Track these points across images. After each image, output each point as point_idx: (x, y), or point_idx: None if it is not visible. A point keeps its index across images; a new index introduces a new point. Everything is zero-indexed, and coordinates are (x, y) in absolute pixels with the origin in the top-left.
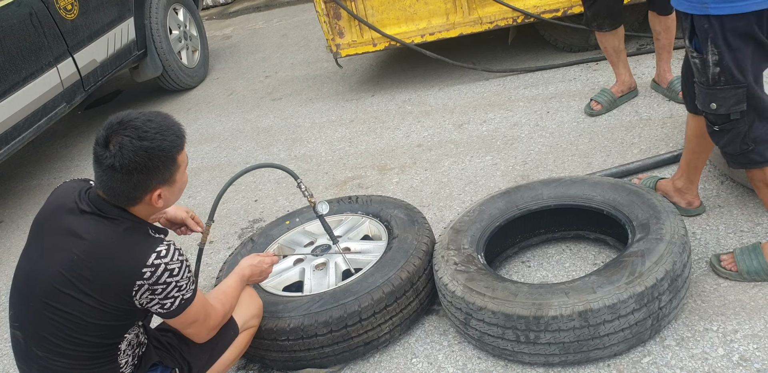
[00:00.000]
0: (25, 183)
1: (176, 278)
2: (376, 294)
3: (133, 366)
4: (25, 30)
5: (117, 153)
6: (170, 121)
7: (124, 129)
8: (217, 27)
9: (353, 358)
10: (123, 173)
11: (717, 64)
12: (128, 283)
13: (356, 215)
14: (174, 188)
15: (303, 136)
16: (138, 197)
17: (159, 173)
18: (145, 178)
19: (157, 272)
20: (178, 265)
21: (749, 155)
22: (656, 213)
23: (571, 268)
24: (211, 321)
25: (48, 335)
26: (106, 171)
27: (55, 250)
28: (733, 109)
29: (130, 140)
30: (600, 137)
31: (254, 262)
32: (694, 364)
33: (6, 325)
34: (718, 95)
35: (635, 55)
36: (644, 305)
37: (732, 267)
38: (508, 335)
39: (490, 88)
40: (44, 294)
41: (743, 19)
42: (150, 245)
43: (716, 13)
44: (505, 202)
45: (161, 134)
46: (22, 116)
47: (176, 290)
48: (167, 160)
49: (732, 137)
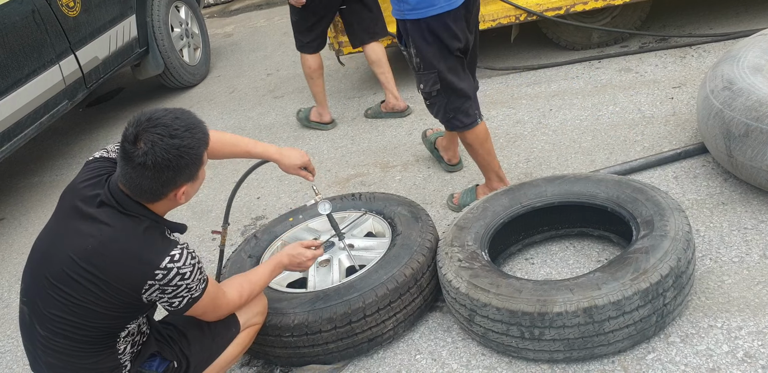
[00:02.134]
0: (27, 180)
1: (187, 281)
2: (380, 291)
3: (131, 354)
4: (28, 27)
5: (149, 151)
6: (196, 119)
7: (153, 127)
8: (219, 25)
9: (357, 354)
10: (154, 171)
11: (417, 55)
12: (139, 282)
13: (360, 212)
14: (196, 183)
15: (305, 134)
16: (164, 193)
17: (187, 171)
18: (174, 175)
19: (169, 275)
20: (190, 269)
21: (453, 121)
22: (660, 210)
23: (574, 265)
24: (221, 312)
25: (52, 315)
26: (135, 168)
27: (73, 234)
28: (433, 88)
29: (161, 138)
30: (603, 135)
31: (294, 252)
32: (699, 360)
33: (8, 322)
34: (422, 78)
35: (637, 53)
36: (649, 301)
37: (456, 201)
38: (512, 331)
39: (493, 86)
40: (54, 276)
41: (426, 22)
42: (165, 248)
43: (409, 18)
44: (508, 199)
45: (190, 132)
46: (24, 113)
47: (186, 291)
48: (196, 158)
49: (438, 108)
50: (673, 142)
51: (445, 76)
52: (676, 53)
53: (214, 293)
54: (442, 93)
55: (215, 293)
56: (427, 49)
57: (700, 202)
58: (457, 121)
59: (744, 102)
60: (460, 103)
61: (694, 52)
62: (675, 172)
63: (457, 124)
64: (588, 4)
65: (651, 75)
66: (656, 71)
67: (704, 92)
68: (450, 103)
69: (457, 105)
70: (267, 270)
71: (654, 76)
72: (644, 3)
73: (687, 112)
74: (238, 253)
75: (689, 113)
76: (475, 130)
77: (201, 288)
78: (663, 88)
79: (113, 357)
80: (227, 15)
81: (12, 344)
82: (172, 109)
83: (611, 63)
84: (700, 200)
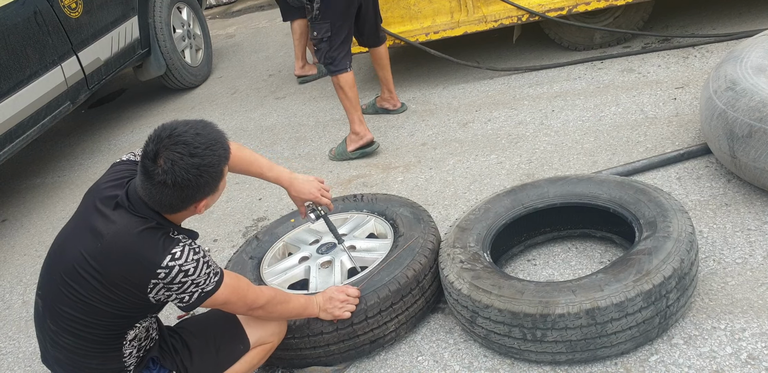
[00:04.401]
0: (29, 181)
1: (192, 277)
2: (381, 292)
3: (137, 358)
4: (30, 28)
5: (169, 170)
6: (217, 134)
7: (174, 144)
8: (221, 26)
9: (359, 356)
10: (174, 189)
11: (318, 8)
12: (143, 282)
13: (361, 214)
14: (216, 195)
15: (307, 135)
16: (184, 207)
17: (208, 187)
18: (195, 192)
19: (172, 273)
20: (194, 265)
21: (329, 67)
22: (663, 211)
23: (577, 266)
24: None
25: (62, 311)
26: (155, 186)
27: (87, 233)
28: (324, 35)
29: (182, 157)
30: (605, 136)
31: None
32: (702, 362)
33: (10, 323)
34: (317, 27)
35: (640, 53)
36: (652, 303)
37: (333, 152)
38: (514, 333)
39: (495, 87)
40: (65, 272)
41: None
42: (166, 246)
43: None
44: (510, 200)
45: (211, 149)
46: (26, 114)
47: (194, 287)
48: (216, 175)
49: (321, 54)
50: (676, 143)
51: (336, 29)
52: (679, 54)
53: (235, 285)
54: (327, 42)
55: (236, 284)
56: (329, 4)
57: (704, 203)
58: (332, 66)
59: (747, 102)
60: (338, 53)
61: (697, 53)
62: (678, 173)
63: (332, 68)
64: (590, 4)
65: (654, 75)
66: (659, 72)
67: (707, 93)
68: (331, 50)
69: (335, 54)
70: (303, 298)
71: (657, 76)
72: (647, 3)
73: (690, 113)
74: (240, 254)
75: (692, 114)
76: (345, 76)
77: (214, 282)
78: (666, 89)
79: (118, 360)
80: (229, 16)
81: (13, 346)
82: (193, 123)
83: (614, 64)
84: (704, 201)
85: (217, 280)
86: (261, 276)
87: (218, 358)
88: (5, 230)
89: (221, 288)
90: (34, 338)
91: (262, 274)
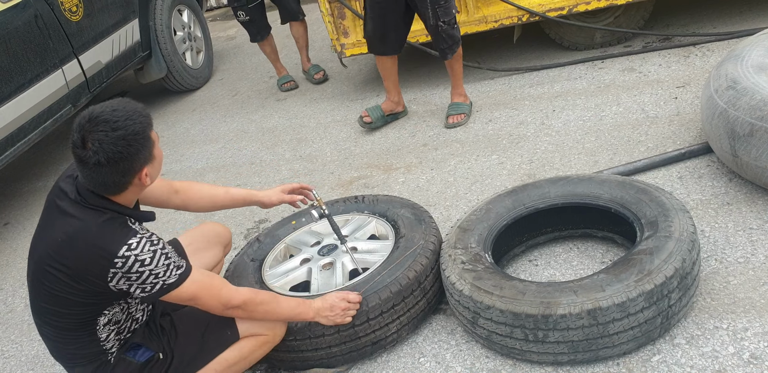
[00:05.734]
0: (31, 185)
1: (149, 267)
2: (383, 293)
3: (119, 341)
4: (31, 32)
5: (99, 149)
6: (134, 106)
7: (96, 126)
8: (221, 28)
9: (361, 358)
10: (109, 166)
11: None
12: (102, 271)
13: (363, 215)
14: (155, 163)
15: (308, 137)
16: (128, 181)
17: (141, 155)
18: (131, 163)
19: (128, 262)
20: (150, 255)
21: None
22: (665, 211)
23: (578, 266)
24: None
25: (39, 306)
26: (93, 169)
27: (50, 229)
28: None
29: (106, 134)
30: (606, 135)
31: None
32: (705, 362)
33: (12, 327)
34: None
35: (641, 53)
36: (654, 303)
37: (367, 119)
38: (516, 333)
39: (495, 87)
40: (36, 268)
41: None
42: (122, 237)
43: None
44: (512, 200)
45: (131, 119)
46: (27, 118)
47: (153, 277)
48: (144, 141)
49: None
50: (677, 142)
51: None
52: (680, 53)
53: (205, 281)
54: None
55: (206, 281)
56: None
57: (705, 202)
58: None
59: (748, 101)
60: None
61: (698, 52)
62: (679, 172)
63: (455, 49)
64: (591, 4)
65: (654, 75)
66: (660, 71)
67: (708, 92)
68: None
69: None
70: (294, 301)
71: (658, 75)
72: (647, 2)
73: (691, 112)
74: (241, 256)
75: (693, 113)
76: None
77: (176, 274)
78: (667, 88)
79: (95, 344)
80: (230, 18)
81: (16, 349)
82: (108, 103)
83: (614, 63)
84: (705, 201)
85: (180, 273)
86: (262, 278)
87: (204, 341)
88: (7, 233)
89: (187, 282)
90: (36, 341)
91: (263, 276)
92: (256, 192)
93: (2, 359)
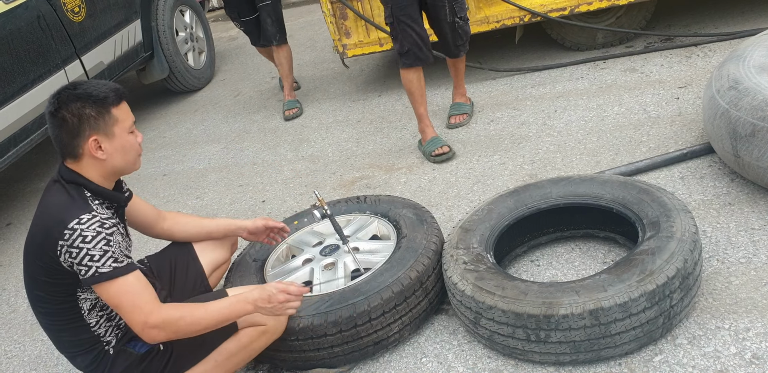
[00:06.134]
0: (34, 185)
1: (87, 246)
2: (385, 294)
3: (112, 327)
4: (33, 33)
5: (59, 101)
6: (112, 84)
7: (66, 88)
8: (223, 28)
9: (363, 358)
10: (59, 118)
11: None
12: (54, 243)
13: (365, 215)
14: (114, 142)
15: (310, 137)
16: (78, 145)
17: (91, 120)
18: (79, 123)
19: (74, 235)
20: (93, 234)
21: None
22: (666, 211)
23: (580, 267)
24: (136, 313)
25: (31, 294)
26: (50, 121)
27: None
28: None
29: (68, 92)
30: (608, 136)
31: (265, 286)
32: (706, 362)
33: (15, 327)
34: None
35: (643, 53)
36: (655, 303)
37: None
38: (518, 334)
39: (497, 88)
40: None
41: None
42: (77, 210)
43: None
44: (513, 201)
45: (95, 86)
46: (30, 119)
47: (88, 259)
48: (100, 109)
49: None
50: (679, 143)
51: None
52: (682, 53)
53: (135, 289)
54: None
55: (136, 289)
56: None
57: (707, 202)
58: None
59: (750, 101)
60: None
61: (700, 52)
62: (681, 172)
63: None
64: (592, 4)
65: (656, 75)
66: (662, 71)
67: (710, 92)
68: None
69: None
70: (225, 304)
71: (659, 76)
72: (649, 3)
73: (693, 112)
74: (243, 256)
75: (695, 113)
76: None
77: (108, 265)
78: (668, 89)
79: (86, 330)
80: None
81: (19, 349)
82: None
83: (616, 63)
84: (707, 201)
85: (116, 266)
86: (265, 278)
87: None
88: (10, 233)
89: (118, 280)
90: (39, 341)
91: (265, 276)
92: (239, 221)
93: (5, 359)
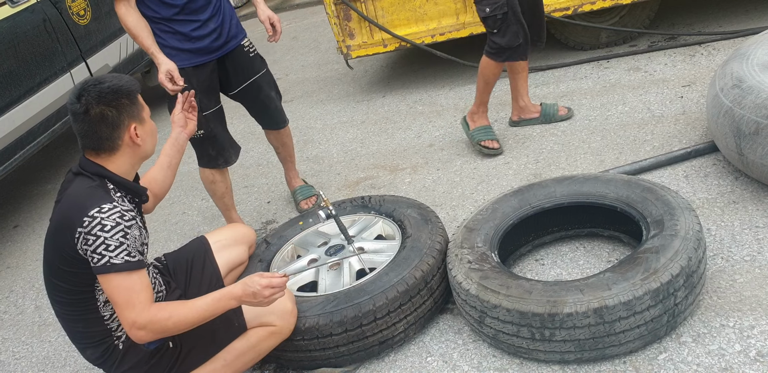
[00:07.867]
0: (40, 187)
1: (105, 235)
2: (390, 293)
3: None
4: (39, 36)
5: (89, 99)
6: (123, 75)
7: (87, 84)
8: None
9: (368, 357)
10: (97, 114)
11: None
12: (72, 229)
13: (369, 215)
14: (146, 127)
15: (314, 138)
16: (118, 136)
17: (128, 108)
18: (118, 114)
19: (93, 223)
20: (112, 224)
21: None
22: (670, 210)
23: (585, 265)
24: (129, 311)
25: (49, 282)
26: (84, 119)
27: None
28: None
29: (94, 87)
30: (612, 135)
31: (248, 281)
32: (711, 360)
33: (23, 329)
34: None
35: (646, 52)
36: (660, 301)
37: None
38: (523, 332)
39: (501, 88)
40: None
41: None
42: (99, 200)
43: None
44: (518, 200)
45: (117, 78)
46: (36, 121)
47: (103, 248)
48: (131, 96)
49: None
50: (683, 141)
51: None
52: (686, 52)
53: (135, 286)
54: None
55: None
56: None
57: (711, 201)
58: None
59: (754, 100)
60: None
61: (704, 51)
62: (685, 171)
63: None
64: (596, 3)
65: (660, 74)
66: (665, 70)
67: (714, 90)
68: None
69: None
70: (210, 300)
71: (663, 75)
72: (652, 2)
73: (697, 111)
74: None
75: (699, 112)
76: None
77: (121, 257)
78: (672, 87)
79: (99, 322)
80: None
81: (27, 351)
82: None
83: (620, 62)
84: (711, 199)
85: (128, 260)
86: None
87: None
88: (17, 235)
89: (125, 274)
90: (46, 342)
91: None
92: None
93: (13, 360)
